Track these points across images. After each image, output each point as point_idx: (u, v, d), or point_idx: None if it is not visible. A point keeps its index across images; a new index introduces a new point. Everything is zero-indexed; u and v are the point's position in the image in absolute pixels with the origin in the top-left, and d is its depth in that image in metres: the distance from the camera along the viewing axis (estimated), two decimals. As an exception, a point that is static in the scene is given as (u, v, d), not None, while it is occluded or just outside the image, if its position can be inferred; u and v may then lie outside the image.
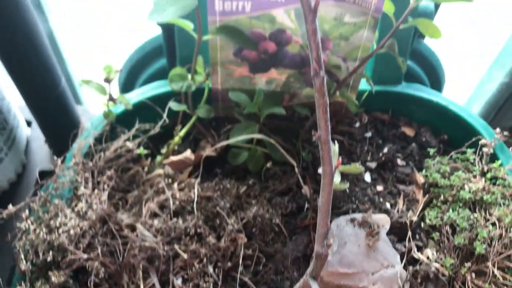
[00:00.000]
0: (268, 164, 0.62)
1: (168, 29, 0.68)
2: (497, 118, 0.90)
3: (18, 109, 0.83)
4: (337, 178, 0.47)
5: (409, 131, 0.71)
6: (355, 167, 0.46)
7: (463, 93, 0.95)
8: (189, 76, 0.63)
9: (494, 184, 0.60)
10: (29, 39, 0.65)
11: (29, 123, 0.87)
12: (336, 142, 0.68)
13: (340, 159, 0.37)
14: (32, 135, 0.85)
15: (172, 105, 0.64)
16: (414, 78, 0.76)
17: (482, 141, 0.63)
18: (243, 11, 0.59)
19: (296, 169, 0.58)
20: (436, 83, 0.79)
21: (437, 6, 0.67)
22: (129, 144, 0.58)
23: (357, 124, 0.70)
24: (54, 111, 0.76)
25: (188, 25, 0.58)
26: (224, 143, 0.59)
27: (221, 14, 0.59)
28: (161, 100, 0.66)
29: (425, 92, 0.69)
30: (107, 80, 0.59)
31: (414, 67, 0.76)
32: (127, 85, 0.79)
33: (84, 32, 1.15)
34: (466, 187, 0.59)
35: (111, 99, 0.61)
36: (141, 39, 0.77)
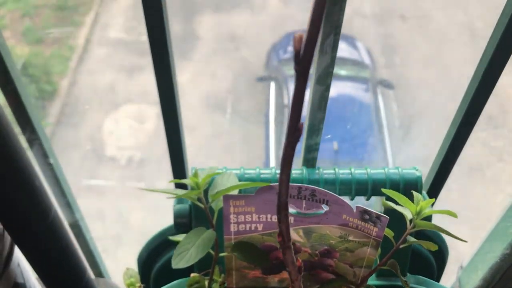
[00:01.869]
0: None
1: (186, 231, 0.73)
2: (502, 281, 0.93)
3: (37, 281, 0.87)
4: None
5: (417, 322, 0.74)
6: None
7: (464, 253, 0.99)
8: (206, 283, 0.68)
9: None
10: (55, 243, 0.71)
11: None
12: None
13: None
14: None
15: (190, 311, 0.68)
16: (419, 257, 0.80)
17: None
18: (256, 230, 0.65)
19: None
20: (441, 260, 0.83)
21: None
22: None
23: (367, 315, 0.73)
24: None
25: (206, 244, 0.64)
26: None
27: (235, 234, 0.64)
28: (179, 300, 0.70)
29: (429, 286, 0.73)
30: (131, 296, 0.64)
31: (419, 247, 0.80)
32: (145, 268, 0.84)
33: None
34: None
35: (133, 312, 0.65)
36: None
